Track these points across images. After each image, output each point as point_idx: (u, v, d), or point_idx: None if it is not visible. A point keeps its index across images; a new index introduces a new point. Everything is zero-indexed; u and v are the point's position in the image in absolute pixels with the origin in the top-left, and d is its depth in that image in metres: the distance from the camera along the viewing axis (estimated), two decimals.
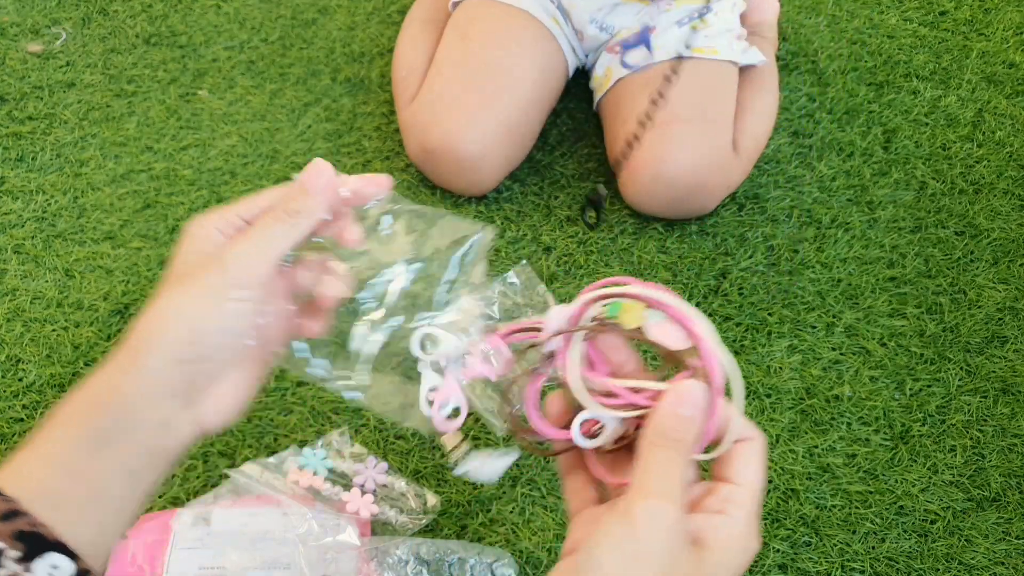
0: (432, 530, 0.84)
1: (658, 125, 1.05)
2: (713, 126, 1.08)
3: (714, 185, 1.07)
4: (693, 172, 1.05)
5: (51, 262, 1.03)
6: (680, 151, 1.05)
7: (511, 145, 1.10)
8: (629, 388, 0.41)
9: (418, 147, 1.10)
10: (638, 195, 1.08)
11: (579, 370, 0.42)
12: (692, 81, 1.08)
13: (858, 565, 0.84)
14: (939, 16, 1.45)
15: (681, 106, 1.06)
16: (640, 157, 1.06)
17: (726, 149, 1.08)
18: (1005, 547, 0.87)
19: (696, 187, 1.06)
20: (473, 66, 1.11)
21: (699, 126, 1.06)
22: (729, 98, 1.12)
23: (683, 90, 1.07)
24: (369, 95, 1.26)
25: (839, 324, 1.03)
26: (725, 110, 1.11)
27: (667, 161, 1.05)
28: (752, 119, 1.16)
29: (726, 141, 1.09)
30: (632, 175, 1.07)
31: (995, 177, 1.21)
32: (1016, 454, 0.94)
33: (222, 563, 0.76)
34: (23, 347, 0.95)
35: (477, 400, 0.47)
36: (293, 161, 1.16)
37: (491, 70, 1.10)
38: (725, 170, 1.08)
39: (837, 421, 0.95)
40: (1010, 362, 1.01)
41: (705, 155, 1.05)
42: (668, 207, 1.08)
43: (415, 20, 1.25)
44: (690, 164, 1.05)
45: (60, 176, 1.12)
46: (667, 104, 1.06)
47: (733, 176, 1.11)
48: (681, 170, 1.05)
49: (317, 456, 0.86)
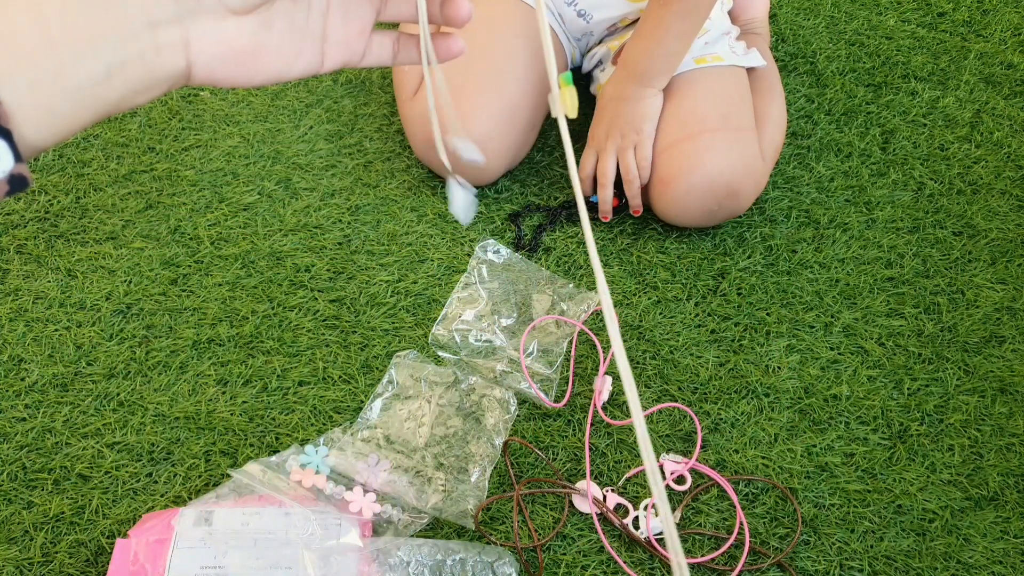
0: (433, 528, 0.84)
1: (686, 137, 1.05)
2: (740, 133, 1.07)
3: (746, 191, 1.06)
4: (727, 181, 1.04)
5: (53, 262, 1.04)
6: (712, 161, 1.04)
7: (514, 129, 1.10)
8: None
9: (423, 138, 1.10)
10: (671, 208, 1.07)
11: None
12: (707, 91, 1.08)
13: (856, 564, 0.85)
14: (937, 17, 1.45)
15: (704, 116, 1.06)
16: (672, 169, 1.05)
17: (755, 154, 1.07)
18: (1003, 546, 0.87)
19: (730, 195, 1.05)
20: (472, 52, 1.11)
21: (726, 134, 1.05)
22: (747, 103, 1.12)
23: (701, 101, 1.07)
24: (370, 96, 1.27)
25: (837, 324, 1.04)
26: (747, 115, 1.10)
27: (699, 172, 1.04)
28: (768, 126, 1.16)
29: (754, 146, 1.08)
30: (664, 188, 1.06)
31: (993, 178, 1.21)
32: (1014, 453, 0.94)
33: (224, 563, 0.76)
34: (25, 347, 0.96)
35: None
36: (295, 162, 1.17)
37: (490, 55, 1.11)
38: (756, 175, 1.07)
39: (835, 420, 0.95)
40: (1008, 362, 1.02)
41: (736, 162, 1.05)
42: (703, 217, 1.07)
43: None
44: (723, 173, 1.04)
45: (62, 176, 1.13)
46: (691, 116, 1.06)
47: (762, 181, 1.10)
48: (715, 180, 1.04)
49: (319, 455, 0.86)
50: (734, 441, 0.93)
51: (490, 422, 0.90)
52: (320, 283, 1.04)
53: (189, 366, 0.95)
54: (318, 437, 0.89)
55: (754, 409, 0.95)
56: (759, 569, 0.84)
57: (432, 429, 0.90)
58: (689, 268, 1.08)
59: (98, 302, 1.00)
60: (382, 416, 0.91)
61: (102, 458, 0.88)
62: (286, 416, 0.92)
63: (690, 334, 1.01)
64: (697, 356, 0.99)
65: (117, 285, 1.02)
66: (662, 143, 1.07)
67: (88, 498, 0.85)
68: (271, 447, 0.89)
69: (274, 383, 0.94)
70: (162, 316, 0.99)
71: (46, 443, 0.89)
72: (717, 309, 1.04)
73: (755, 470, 0.91)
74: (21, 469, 0.87)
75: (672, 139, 1.06)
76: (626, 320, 1.02)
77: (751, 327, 1.03)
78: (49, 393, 0.92)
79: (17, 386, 0.93)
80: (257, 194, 1.13)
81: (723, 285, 1.06)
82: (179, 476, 0.87)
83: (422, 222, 1.11)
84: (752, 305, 1.05)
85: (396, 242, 1.08)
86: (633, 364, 0.98)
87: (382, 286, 1.03)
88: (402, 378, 0.94)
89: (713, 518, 0.87)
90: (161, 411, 0.92)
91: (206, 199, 1.11)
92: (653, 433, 0.93)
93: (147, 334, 0.98)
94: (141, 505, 0.85)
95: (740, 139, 1.07)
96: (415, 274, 1.05)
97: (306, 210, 1.11)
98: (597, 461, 0.90)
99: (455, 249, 1.08)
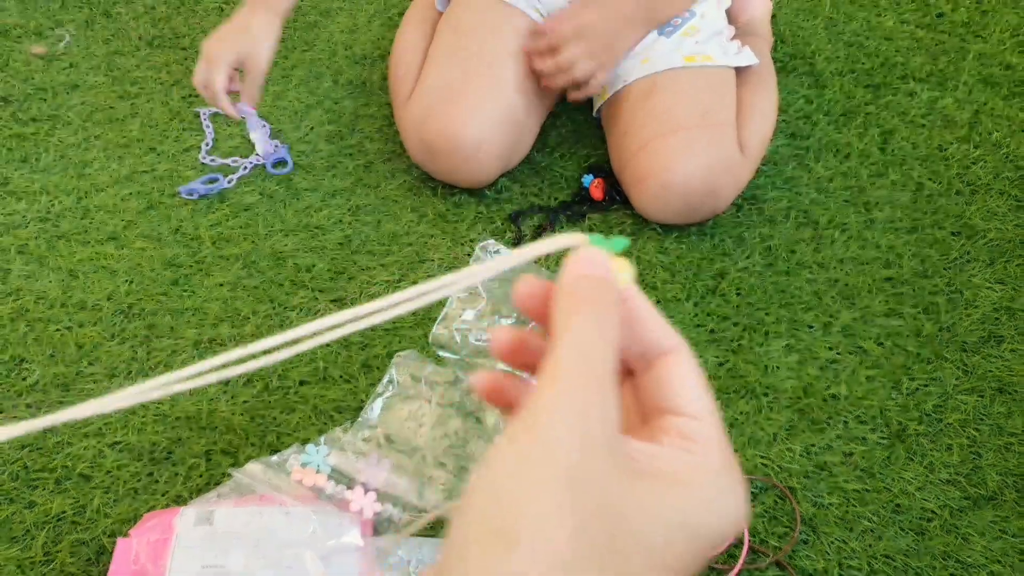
0: (433, 528, 0.84)
1: (662, 135, 1.05)
2: (717, 130, 1.08)
3: (724, 188, 1.07)
4: (703, 178, 1.05)
5: (55, 262, 1.04)
6: (687, 159, 1.05)
7: (508, 131, 1.10)
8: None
9: (417, 141, 1.10)
10: (648, 205, 1.08)
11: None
12: (689, 89, 1.09)
13: (855, 563, 0.85)
14: (936, 18, 1.46)
15: (682, 114, 1.06)
16: (647, 167, 1.06)
17: (732, 151, 1.08)
18: (1001, 545, 0.87)
19: (707, 193, 1.06)
20: (466, 56, 1.12)
21: (703, 132, 1.06)
22: (729, 100, 1.13)
23: (681, 98, 1.08)
24: (371, 97, 1.27)
25: (836, 324, 1.04)
26: (727, 112, 1.11)
27: (675, 170, 1.05)
28: (755, 118, 1.16)
29: (732, 143, 1.08)
30: (641, 186, 1.07)
31: (991, 178, 1.22)
32: (1012, 453, 0.94)
33: (225, 562, 0.76)
34: (27, 347, 0.96)
35: None
36: (296, 162, 1.17)
37: (484, 58, 1.11)
38: (733, 172, 1.08)
39: (834, 420, 0.95)
40: (1006, 361, 1.02)
41: (713, 160, 1.05)
42: (680, 214, 1.08)
43: (410, 21, 1.26)
44: (699, 170, 1.05)
45: (64, 177, 1.13)
46: (668, 114, 1.06)
47: (742, 177, 1.11)
48: (690, 177, 1.05)
49: (320, 454, 0.86)
50: (733, 441, 0.93)
51: (491, 422, 0.91)
52: (321, 283, 1.04)
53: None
54: (319, 436, 0.89)
55: (753, 409, 0.96)
56: (758, 568, 0.84)
57: (432, 429, 0.90)
58: (688, 268, 1.08)
59: (99, 302, 1.00)
60: (383, 416, 0.91)
61: (103, 458, 0.88)
62: (287, 415, 0.92)
63: (689, 334, 1.02)
64: (696, 356, 0.99)
65: (118, 285, 1.02)
66: (639, 140, 1.08)
67: (89, 497, 0.85)
68: (272, 446, 0.90)
69: (275, 382, 0.95)
70: (163, 316, 1.00)
71: (47, 443, 0.89)
72: (716, 309, 1.04)
73: (754, 469, 0.91)
74: (23, 469, 0.87)
75: (649, 136, 1.07)
76: None
77: (750, 327, 1.03)
78: (51, 393, 0.93)
79: (19, 386, 0.93)
80: (258, 194, 1.13)
81: (722, 285, 1.07)
82: (180, 476, 0.87)
83: (423, 222, 1.11)
84: (751, 305, 1.05)
85: (397, 242, 1.09)
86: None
87: (383, 286, 1.04)
88: (403, 378, 0.94)
89: None
90: (162, 411, 0.92)
91: (207, 199, 1.12)
92: None
93: (148, 334, 0.98)
94: (142, 504, 0.85)
95: (718, 136, 1.07)
96: (416, 274, 1.05)
97: (307, 210, 1.11)
98: None
99: (455, 249, 1.08)
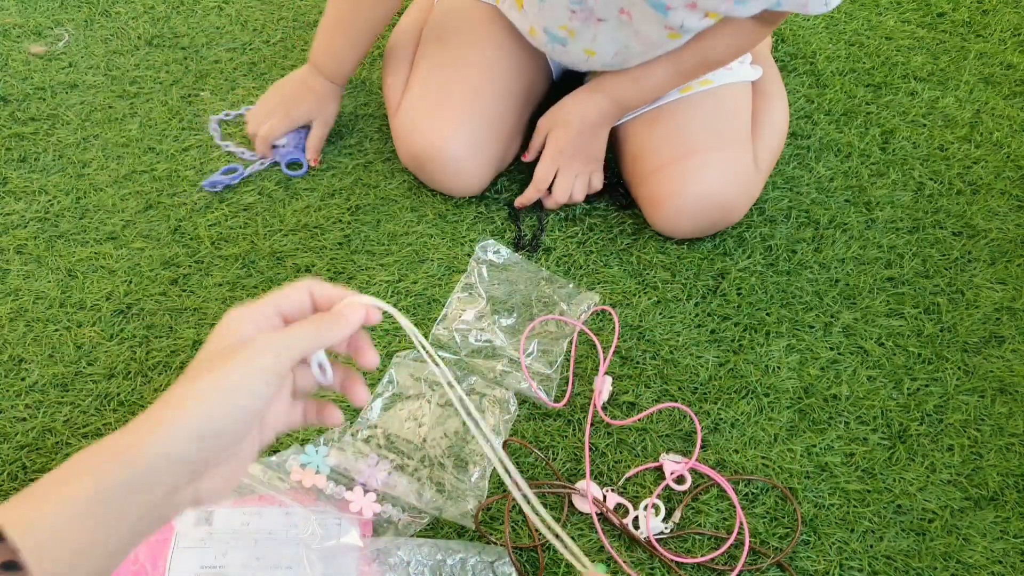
0: (433, 528, 0.84)
1: (674, 160, 1.05)
2: (732, 150, 1.06)
3: (739, 206, 1.06)
4: (717, 199, 1.04)
5: (54, 262, 1.04)
6: (701, 182, 1.04)
7: (494, 143, 1.10)
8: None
9: (406, 154, 1.11)
10: (664, 226, 1.08)
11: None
12: (698, 112, 1.08)
13: (856, 564, 0.85)
14: (937, 18, 1.45)
15: (693, 137, 1.05)
16: (661, 192, 1.05)
17: (747, 168, 1.07)
18: (1003, 546, 0.87)
19: (722, 212, 1.05)
20: (449, 69, 1.11)
21: (718, 153, 1.05)
22: (743, 115, 1.11)
23: (695, 120, 1.07)
24: (370, 97, 1.27)
25: (837, 324, 1.04)
26: (741, 129, 1.09)
27: (687, 195, 1.04)
28: (768, 131, 1.15)
29: (746, 161, 1.07)
30: (655, 208, 1.07)
31: (992, 178, 1.21)
32: (1014, 453, 0.94)
33: (224, 563, 0.76)
34: (25, 347, 0.96)
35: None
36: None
37: (466, 70, 1.10)
38: (748, 189, 1.07)
39: (835, 420, 0.95)
40: (1007, 362, 1.02)
41: (729, 180, 1.05)
42: (694, 231, 1.08)
43: (403, 26, 1.25)
44: (714, 192, 1.04)
45: (63, 177, 1.13)
46: (680, 138, 1.05)
47: (756, 191, 1.10)
48: (705, 199, 1.04)
49: (319, 455, 0.86)
50: (734, 441, 0.93)
51: (490, 422, 0.90)
52: None
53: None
54: (318, 437, 0.89)
55: (754, 409, 0.95)
56: (759, 569, 0.84)
57: (432, 429, 0.90)
58: (689, 268, 1.08)
59: (98, 302, 1.00)
60: (382, 416, 0.91)
61: None
62: None
63: (690, 334, 1.01)
64: (697, 356, 0.99)
65: (117, 285, 1.02)
66: (653, 164, 1.07)
67: None
68: (271, 447, 0.90)
69: None
70: (162, 316, 0.99)
71: (47, 443, 0.89)
72: (717, 309, 1.04)
73: (755, 470, 0.91)
74: (21, 469, 0.87)
75: (663, 160, 1.06)
76: (626, 320, 1.02)
77: (751, 327, 1.03)
78: (49, 393, 0.92)
79: (17, 386, 0.93)
80: (257, 194, 1.13)
81: (723, 285, 1.06)
82: None
83: (422, 222, 1.11)
84: (752, 305, 1.05)
85: (396, 242, 1.08)
86: (633, 364, 0.98)
87: (382, 286, 1.03)
88: (402, 378, 0.94)
89: (713, 518, 0.87)
90: None
91: (206, 199, 1.12)
92: (653, 433, 0.93)
93: (147, 334, 0.98)
94: None
95: (733, 156, 1.06)
96: (415, 274, 1.05)
97: (306, 210, 1.11)
98: (597, 461, 0.90)
99: (455, 249, 1.08)
